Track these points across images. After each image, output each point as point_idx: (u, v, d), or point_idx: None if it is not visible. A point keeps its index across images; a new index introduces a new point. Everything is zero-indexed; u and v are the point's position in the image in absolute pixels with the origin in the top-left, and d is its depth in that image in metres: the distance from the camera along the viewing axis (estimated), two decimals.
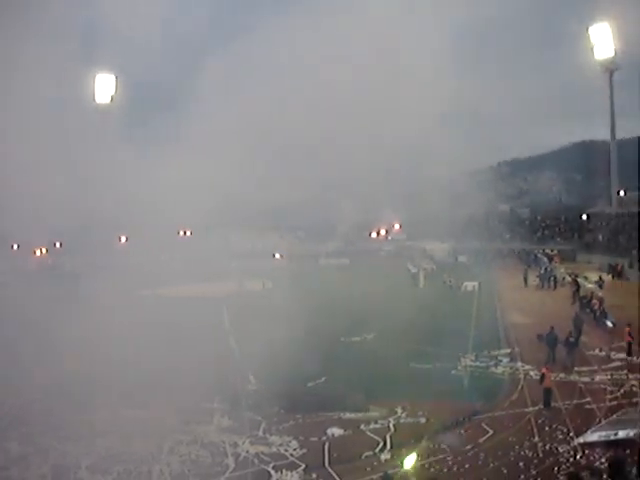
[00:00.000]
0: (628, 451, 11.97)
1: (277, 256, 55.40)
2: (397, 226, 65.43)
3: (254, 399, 18.45)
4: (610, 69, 61.78)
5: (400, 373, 20.93)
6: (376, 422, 16.49)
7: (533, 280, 42.45)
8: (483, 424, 15.87)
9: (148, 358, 20.48)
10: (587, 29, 61.51)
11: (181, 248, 54.76)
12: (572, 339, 21.55)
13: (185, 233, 61.48)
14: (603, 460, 12.56)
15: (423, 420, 16.58)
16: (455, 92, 30.12)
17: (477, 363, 22.15)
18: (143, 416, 17.05)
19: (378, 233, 65.72)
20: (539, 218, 75.22)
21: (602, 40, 60.92)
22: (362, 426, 16.22)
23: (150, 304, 32.95)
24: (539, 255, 55.10)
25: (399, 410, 17.26)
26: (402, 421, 16.60)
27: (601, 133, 69.59)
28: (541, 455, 13.66)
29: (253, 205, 33.38)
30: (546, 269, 45.02)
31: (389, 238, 66.49)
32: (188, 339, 24.41)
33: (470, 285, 41.13)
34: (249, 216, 38.29)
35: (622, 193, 64.37)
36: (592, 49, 61.38)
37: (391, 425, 16.24)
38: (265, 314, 26.44)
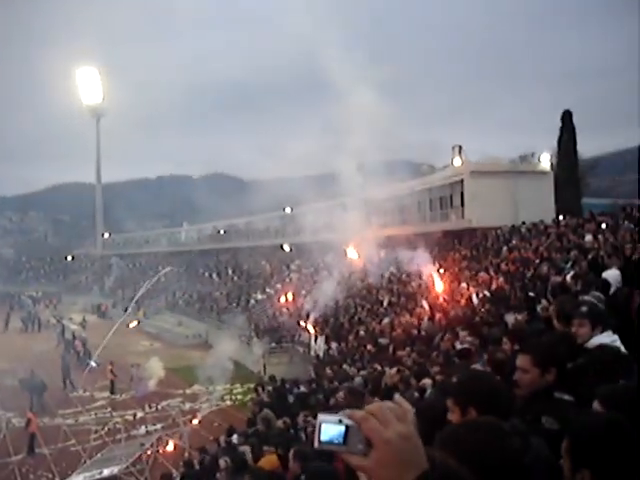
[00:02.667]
0: None
1: None
2: None
3: None
4: (97, 114, 65.62)
5: None
6: None
7: (17, 323, 40.93)
8: None
9: None
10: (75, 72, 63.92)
11: None
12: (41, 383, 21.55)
13: None
14: None
15: None
16: None
17: None
18: None
19: None
20: (24, 259, 73.12)
21: (90, 85, 63.88)
22: None
23: None
24: (23, 297, 53.65)
25: None
26: None
27: (89, 176, 73.07)
28: None
29: None
30: (30, 312, 44.30)
31: None
32: None
33: None
34: None
35: (107, 235, 68.68)
36: (80, 93, 63.88)
37: None
38: None
